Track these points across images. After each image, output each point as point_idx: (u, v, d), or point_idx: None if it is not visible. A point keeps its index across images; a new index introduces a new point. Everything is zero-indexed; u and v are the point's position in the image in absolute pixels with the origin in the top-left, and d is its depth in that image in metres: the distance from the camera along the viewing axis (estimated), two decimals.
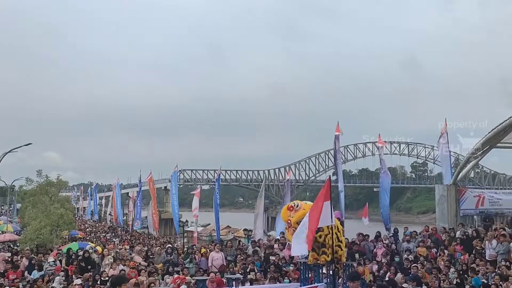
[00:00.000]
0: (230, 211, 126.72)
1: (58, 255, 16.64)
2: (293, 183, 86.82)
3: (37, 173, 28.37)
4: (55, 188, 28.26)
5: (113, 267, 14.21)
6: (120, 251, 16.49)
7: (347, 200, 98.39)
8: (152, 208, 33.21)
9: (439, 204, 21.00)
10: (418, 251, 15.14)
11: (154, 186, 35.92)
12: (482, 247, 14.31)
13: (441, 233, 16.70)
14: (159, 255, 16.31)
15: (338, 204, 20.82)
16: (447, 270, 12.87)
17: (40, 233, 23.79)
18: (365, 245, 16.36)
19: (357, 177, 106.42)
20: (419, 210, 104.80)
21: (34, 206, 28.04)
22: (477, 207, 20.27)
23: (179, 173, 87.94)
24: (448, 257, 14.50)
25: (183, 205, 58.77)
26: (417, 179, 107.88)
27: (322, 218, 7.73)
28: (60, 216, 24.91)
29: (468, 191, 20.64)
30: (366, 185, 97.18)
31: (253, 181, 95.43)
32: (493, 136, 19.30)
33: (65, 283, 13.35)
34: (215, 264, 14.89)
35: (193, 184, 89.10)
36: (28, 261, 15.50)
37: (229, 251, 16.13)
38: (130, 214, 44.76)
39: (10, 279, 13.78)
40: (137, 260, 15.59)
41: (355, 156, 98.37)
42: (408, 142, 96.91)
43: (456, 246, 15.23)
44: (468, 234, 15.80)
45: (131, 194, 58.96)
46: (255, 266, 14.24)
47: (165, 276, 13.76)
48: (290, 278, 12.82)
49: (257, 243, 17.24)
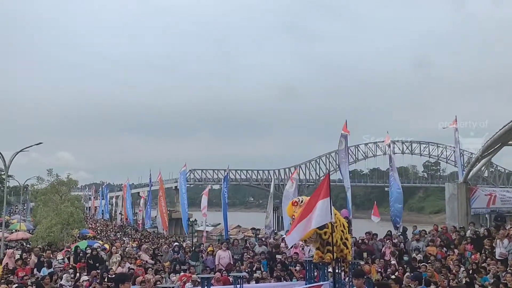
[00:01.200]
0: (241, 210, 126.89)
1: (66, 253, 16.75)
2: (303, 182, 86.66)
3: (48, 172, 28.73)
4: (65, 187, 28.54)
5: (121, 265, 14.28)
6: (127, 249, 16.55)
7: (359, 200, 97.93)
8: (161, 207, 33.31)
9: (450, 203, 20.71)
10: (428, 250, 14.95)
11: (163, 185, 36.05)
12: (493, 246, 14.08)
13: (451, 232, 16.47)
14: (166, 253, 16.33)
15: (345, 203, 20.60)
16: (457, 269, 12.68)
17: (51, 231, 24.09)
18: (374, 244, 16.20)
19: (368, 176, 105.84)
20: (431, 210, 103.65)
21: (45, 205, 28.34)
22: (489, 206, 19.94)
23: (189, 173, 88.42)
24: (458, 256, 14.30)
25: (194, 205, 58.90)
26: (429, 179, 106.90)
27: (321, 215, 7.64)
28: (70, 214, 25.16)
29: (479, 190, 20.31)
30: (378, 184, 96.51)
31: (263, 181, 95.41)
32: (504, 134, 18.98)
33: (72, 280, 13.46)
34: (222, 262, 14.87)
35: (203, 183, 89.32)
36: (37, 259, 15.59)
37: (236, 250, 16.10)
38: (140, 213, 45.00)
39: (19, 276, 13.88)
40: (144, 258, 15.62)
41: (366, 155, 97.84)
42: (420, 141, 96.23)
43: (466, 245, 15.01)
44: (478, 233, 15.57)
45: (142, 193, 59.30)
46: (261, 264, 14.21)
47: (170, 275, 13.78)
48: (296, 277, 12.76)
49: (264, 242, 17.19)
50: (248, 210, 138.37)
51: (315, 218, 7.64)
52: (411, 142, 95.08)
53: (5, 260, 15.25)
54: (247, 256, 15.11)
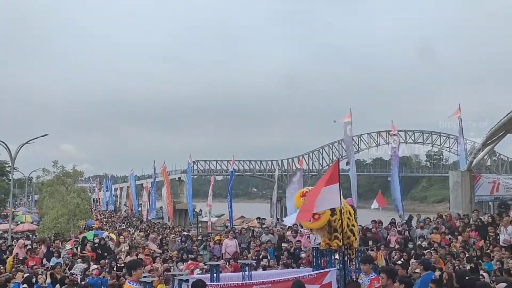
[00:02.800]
0: (244, 201, 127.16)
1: (75, 243, 16.96)
2: (307, 172, 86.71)
3: (53, 164, 28.97)
4: (71, 178, 28.77)
5: (130, 254, 14.47)
6: (135, 239, 16.74)
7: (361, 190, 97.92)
8: (166, 198, 33.56)
9: (453, 191, 20.80)
10: (432, 238, 15.08)
11: (168, 176, 36.24)
12: (497, 233, 14.21)
13: (455, 220, 16.60)
14: (174, 242, 16.50)
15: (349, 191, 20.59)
16: (463, 255, 12.82)
17: (57, 222, 24.32)
18: (379, 231, 16.35)
19: (371, 166, 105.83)
20: (434, 199, 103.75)
21: (51, 196, 28.59)
22: (492, 193, 20.00)
23: (192, 164, 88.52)
24: (462, 243, 14.43)
25: (197, 196, 59.17)
26: (432, 168, 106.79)
27: (330, 199, 7.74)
28: (76, 205, 25.39)
29: (483, 177, 20.38)
30: (380, 174, 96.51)
31: (266, 171, 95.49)
32: (508, 121, 19.01)
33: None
34: (229, 251, 15.04)
35: (206, 174, 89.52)
36: (47, 248, 15.81)
37: (243, 238, 16.26)
38: (144, 204, 45.27)
39: (29, 265, 14.07)
40: (152, 248, 15.82)
41: (368, 145, 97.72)
42: (423, 131, 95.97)
43: (471, 232, 15.14)
44: (482, 220, 15.68)
45: (145, 185, 59.52)
46: (267, 253, 14.37)
47: (178, 263, 13.95)
48: (303, 264, 12.91)
49: (270, 230, 17.35)
50: (251, 201, 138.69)
51: (323, 201, 7.75)
52: (414, 132, 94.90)
53: (15, 250, 15.47)
54: (253, 245, 15.27)
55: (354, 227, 9.48)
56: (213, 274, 9.15)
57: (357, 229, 10.22)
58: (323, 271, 9.56)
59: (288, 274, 10.12)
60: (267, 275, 10.13)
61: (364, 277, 7.99)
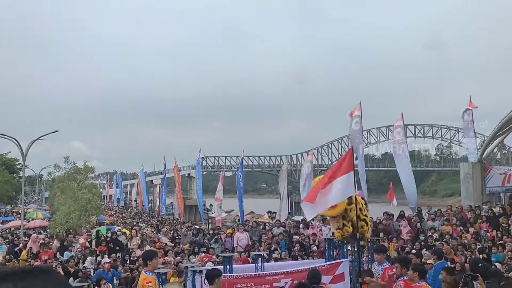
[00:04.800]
0: (253, 197, 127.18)
1: (88, 237, 17.12)
2: (316, 167, 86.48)
3: (65, 160, 29.24)
4: (82, 174, 29.00)
5: (140, 248, 14.57)
6: (147, 233, 16.87)
7: (371, 184, 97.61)
8: (177, 193, 33.75)
9: (465, 182, 20.68)
10: (443, 229, 15.05)
11: (179, 172, 36.46)
12: (509, 224, 14.14)
13: (467, 211, 16.53)
14: (186, 236, 16.60)
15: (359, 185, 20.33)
16: (475, 246, 12.77)
17: (69, 217, 24.50)
18: (390, 224, 16.33)
19: (381, 161, 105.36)
20: (444, 193, 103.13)
21: (62, 192, 28.83)
22: (504, 184, 19.85)
23: (202, 160, 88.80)
24: (474, 234, 14.37)
25: (207, 192, 59.26)
26: (442, 162, 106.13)
27: (345, 189, 7.76)
28: (88, 201, 25.57)
29: (494, 169, 20.23)
30: (390, 168, 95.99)
31: (275, 167, 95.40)
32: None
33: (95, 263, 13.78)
34: (241, 244, 15.09)
35: (216, 170, 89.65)
36: (60, 243, 15.98)
37: (254, 232, 16.32)
38: (156, 200, 45.56)
39: (43, 259, 14.23)
40: (164, 241, 15.93)
41: (378, 140, 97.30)
42: (432, 124, 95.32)
43: (482, 223, 15.07)
44: (494, 211, 15.61)
45: (155, 181, 59.82)
46: (279, 245, 14.41)
47: (190, 257, 14.04)
48: (315, 256, 12.94)
49: (282, 223, 17.38)
50: (260, 196, 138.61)
51: (340, 191, 7.76)
52: (423, 126, 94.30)
53: (29, 244, 15.65)
54: (265, 238, 15.32)
55: (366, 217, 9.49)
56: (226, 266, 9.23)
57: (369, 220, 10.23)
58: (335, 262, 9.60)
59: (300, 265, 10.18)
60: (279, 266, 10.20)
61: (377, 266, 8.03)
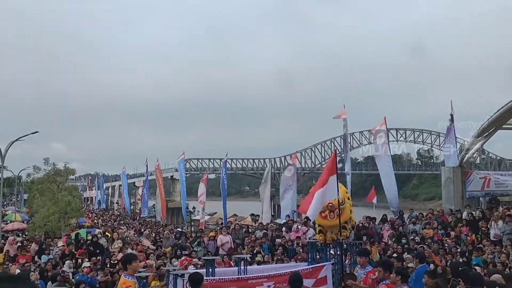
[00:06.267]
0: (237, 200, 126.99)
1: (67, 240, 16.80)
2: (299, 171, 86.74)
3: (45, 161, 28.69)
4: (62, 176, 28.50)
5: (122, 251, 14.38)
6: (129, 235, 16.65)
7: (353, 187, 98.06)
8: (159, 196, 33.40)
9: (445, 186, 20.94)
10: (425, 233, 15.18)
11: (162, 174, 36.09)
12: (488, 228, 14.33)
13: (448, 215, 16.71)
14: (168, 239, 16.43)
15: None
16: (455, 250, 12.91)
17: (48, 220, 24.04)
18: (372, 227, 16.42)
19: (363, 164, 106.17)
20: (425, 197, 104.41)
21: (42, 194, 28.29)
22: (483, 188, 20.17)
23: (185, 162, 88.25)
24: (455, 238, 14.54)
25: (190, 194, 58.80)
26: (423, 166, 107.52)
27: (328, 192, 7.76)
28: (67, 203, 25.13)
29: (474, 173, 20.53)
30: (372, 172, 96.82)
31: (259, 170, 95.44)
32: (498, 118, 19.17)
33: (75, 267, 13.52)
34: (224, 247, 15.01)
35: (199, 173, 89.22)
36: (38, 246, 15.66)
37: (237, 234, 16.23)
38: (138, 203, 45.11)
39: (20, 263, 13.93)
40: (146, 244, 15.74)
41: (360, 143, 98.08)
42: (414, 129, 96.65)
43: (462, 227, 15.26)
44: (474, 215, 15.81)
45: (138, 183, 59.24)
46: (262, 248, 14.36)
47: (172, 260, 13.89)
48: (298, 260, 12.91)
49: (265, 226, 17.33)
50: (244, 199, 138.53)
51: (327, 193, 7.77)
52: (405, 130, 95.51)
53: (6, 247, 15.30)
54: (248, 241, 15.24)
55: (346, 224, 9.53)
56: (209, 269, 9.13)
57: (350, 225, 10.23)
58: (318, 265, 9.59)
59: (283, 268, 10.14)
60: (262, 270, 10.14)
61: (360, 270, 8.01)
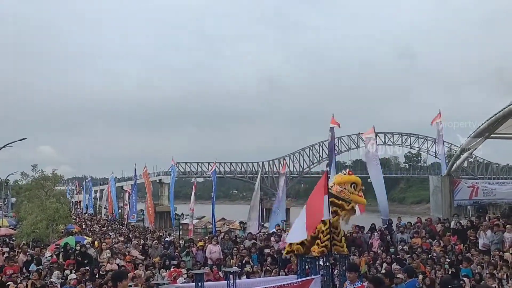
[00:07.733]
0: (225, 203, 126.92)
1: (55, 250, 16.62)
2: (288, 174, 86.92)
3: (32, 168, 28.44)
4: (50, 182, 28.26)
5: (110, 261, 14.25)
6: (117, 245, 16.51)
7: None
8: (148, 201, 33.22)
9: (434, 195, 21.10)
10: (413, 242, 15.26)
11: (149, 179, 35.91)
12: (476, 237, 14.47)
13: (436, 224, 16.83)
14: (156, 248, 16.32)
15: None
16: (444, 260, 13.00)
17: (36, 227, 23.84)
18: (361, 236, 16.45)
19: (351, 168, 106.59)
20: (412, 200, 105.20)
21: (29, 201, 28.05)
22: (471, 197, 20.24)
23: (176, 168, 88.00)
24: (443, 247, 14.63)
25: (178, 198, 58.73)
26: (410, 170, 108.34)
27: (319, 213, 7.79)
28: (56, 210, 24.94)
29: (462, 182, 20.63)
30: (361, 175, 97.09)
31: (247, 173, 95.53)
32: (486, 127, 19.41)
33: (63, 278, 13.35)
34: (212, 257, 14.95)
35: (187, 176, 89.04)
36: (26, 256, 15.46)
37: (226, 244, 16.18)
38: (125, 207, 44.79)
39: (8, 274, 13.73)
40: (134, 254, 15.63)
41: (348, 147, 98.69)
42: (402, 133, 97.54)
43: (450, 236, 15.37)
44: (462, 224, 15.95)
45: (126, 187, 58.85)
46: (251, 259, 14.31)
47: (161, 270, 13.79)
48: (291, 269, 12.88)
49: (253, 236, 17.29)
50: (232, 202, 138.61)
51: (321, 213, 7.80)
52: (393, 134, 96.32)
53: None
54: (236, 251, 15.18)
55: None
56: (198, 283, 9.09)
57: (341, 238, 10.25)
58: (307, 279, 9.57)
59: (272, 282, 10.13)
60: (251, 283, 10.12)
61: (349, 285, 8.02)
